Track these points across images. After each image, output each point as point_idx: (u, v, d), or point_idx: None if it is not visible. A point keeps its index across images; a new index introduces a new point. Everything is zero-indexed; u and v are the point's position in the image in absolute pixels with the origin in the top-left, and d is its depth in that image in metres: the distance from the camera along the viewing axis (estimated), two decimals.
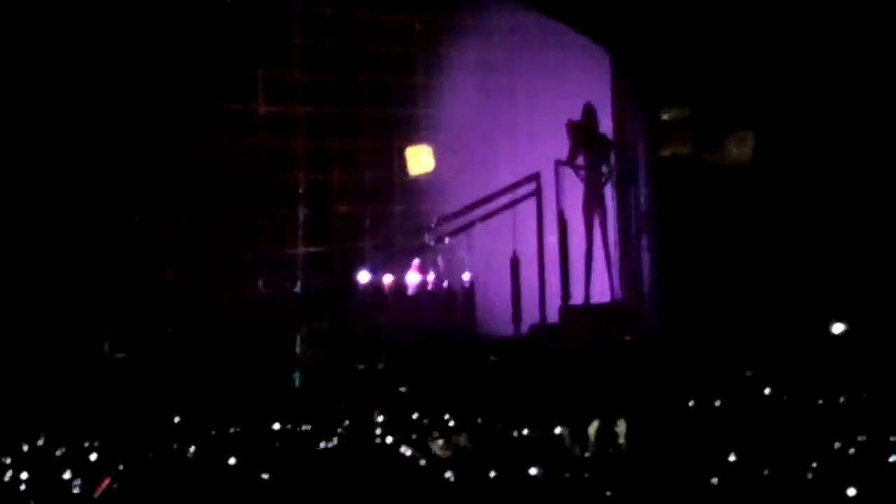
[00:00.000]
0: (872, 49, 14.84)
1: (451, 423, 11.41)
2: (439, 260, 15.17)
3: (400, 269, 15.07)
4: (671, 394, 13.21)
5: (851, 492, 8.87)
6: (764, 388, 13.16)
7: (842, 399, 12.65)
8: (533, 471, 9.16)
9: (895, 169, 14.81)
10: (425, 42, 16.04)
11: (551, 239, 15.19)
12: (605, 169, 15.21)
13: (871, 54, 14.86)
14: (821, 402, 12.72)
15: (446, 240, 15.23)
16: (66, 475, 9.48)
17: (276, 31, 15.05)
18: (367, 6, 15.72)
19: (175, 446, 10.54)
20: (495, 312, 15.08)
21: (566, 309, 14.93)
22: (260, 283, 14.51)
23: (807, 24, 14.91)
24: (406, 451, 10.06)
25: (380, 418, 11.72)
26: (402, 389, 13.06)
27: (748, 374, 13.58)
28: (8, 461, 10.22)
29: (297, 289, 14.57)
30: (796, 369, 13.78)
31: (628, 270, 14.98)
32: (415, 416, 11.87)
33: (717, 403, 12.75)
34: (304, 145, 15.18)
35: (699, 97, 15.17)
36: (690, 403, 12.62)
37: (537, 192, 15.23)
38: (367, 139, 15.56)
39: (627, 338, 14.55)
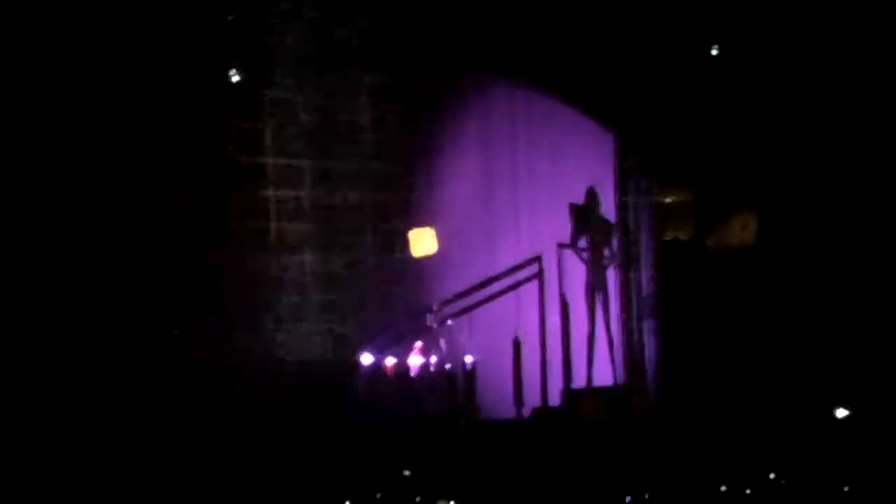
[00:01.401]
0: (868, 133, 14.96)
1: None
2: (441, 342, 15.13)
3: (402, 352, 15.02)
4: (677, 477, 13.18)
5: None
6: (768, 472, 13.13)
7: (846, 488, 12.62)
8: None
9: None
10: (426, 124, 16.07)
11: (554, 320, 15.17)
12: (607, 251, 15.20)
13: (867, 139, 14.97)
14: (825, 488, 12.71)
15: (448, 322, 15.19)
16: None
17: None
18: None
19: None
20: (497, 395, 15.02)
21: (570, 391, 14.88)
22: None
23: (806, 108, 15.03)
24: None
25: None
26: (406, 473, 13.01)
27: (752, 458, 13.55)
28: None
29: None
30: (800, 453, 13.75)
31: (631, 353, 14.94)
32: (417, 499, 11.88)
33: (723, 489, 12.73)
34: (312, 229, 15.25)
35: (702, 180, 15.25)
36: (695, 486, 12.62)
37: (539, 274, 15.24)
38: (369, 222, 15.57)
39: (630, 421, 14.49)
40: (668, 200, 15.15)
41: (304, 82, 15.15)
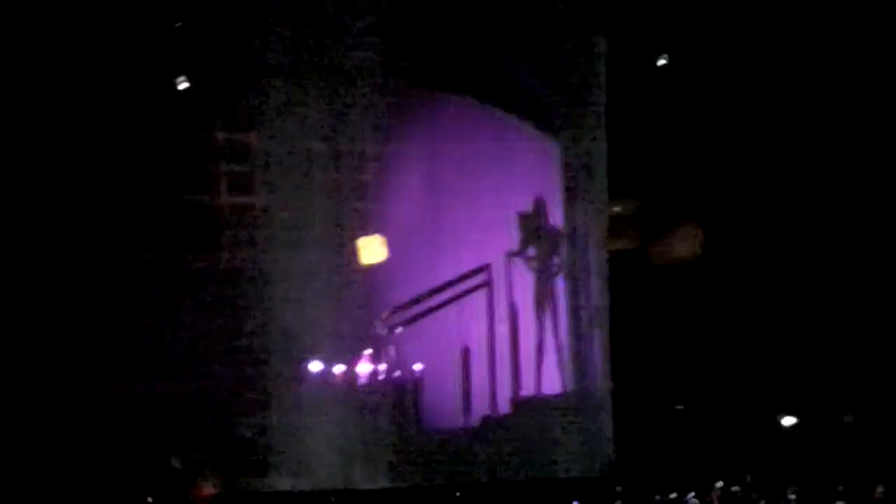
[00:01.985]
0: (811, 144, 15.17)
1: None
2: (390, 350, 15.14)
3: (351, 359, 15.00)
4: (625, 485, 13.31)
5: None
6: (716, 480, 13.29)
7: (792, 496, 12.80)
8: None
9: (840, 258, 15.09)
10: (374, 136, 16.09)
11: (502, 329, 15.24)
12: (555, 261, 15.29)
13: (811, 149, 15.18)
14: (771, 495, 12.88)
15: (398, 330, 15.21)
16: None
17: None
18: None
19: None
20: (445, 404, 15.06)
21: (518, 400, 14.96)
22: None
23: (752, 120, 15.21)
24: None
25: None
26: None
27: (701, 464, 13.71)
28: None
29: None
30: (745, 459, 13.92)
31: (579, 362, 15.01)
32: None
33: (673, 496, 12.87)
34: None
35: (648, 191, 15.39)
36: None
37: (488, 283, 15.30)
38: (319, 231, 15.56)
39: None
40: (615, 211, 15.26)
41: None
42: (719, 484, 13.03)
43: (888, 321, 14.88)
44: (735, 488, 12.92)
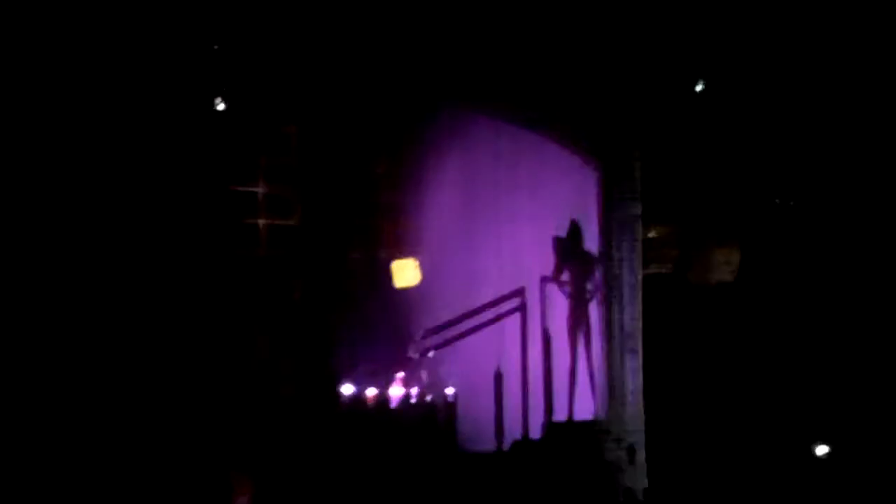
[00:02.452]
0: (846, 169, 15.04)
1: None
2: (423, 373, 15.15)
3: (383, 383, 15.02)
4: None
5: None
6: None
7: None
8: None
9: (876, 285, 14.94)
10: (410, 158, 16.14)
11: (536, 353, 15.19)
12: (589, 286, 15.20)
13: (846, 175, 15.06)
14: None
15: (430, 353, 15.20)
16: None
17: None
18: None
19: None
20: (478, 427, 15.03)
21: (551, 425, 14.90)
22: None
23: (788, 144, 15.11)
24: None
25: None
26: None
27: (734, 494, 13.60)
28: None
29: None
30: (781, 491, 13.79)
31: (612, 388, 14.93)
32: None
33: None
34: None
35: (685, 214, 15.30)
36: None
37: (522, 307, 15.26)
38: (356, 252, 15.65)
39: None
40: (650, 234, 15.18)
41: None
42: None
43: None
44: None
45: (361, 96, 15.11)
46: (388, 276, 15.64)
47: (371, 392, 14.84)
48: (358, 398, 14.78)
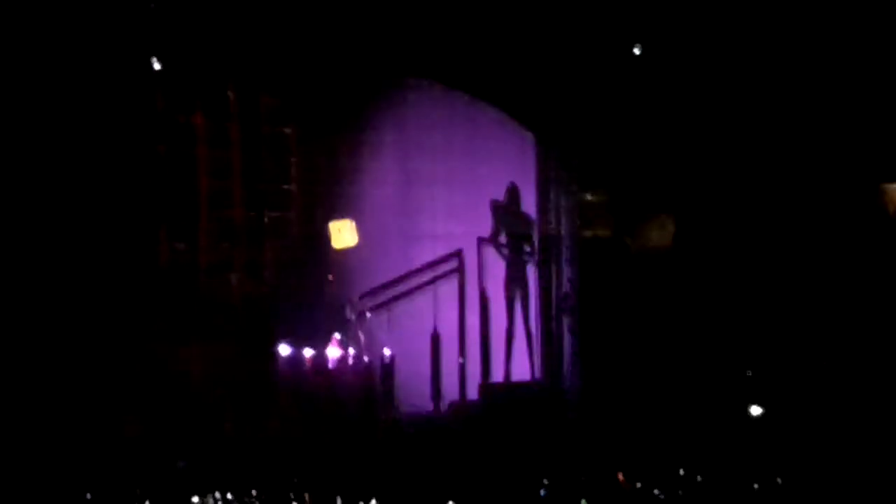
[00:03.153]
0: (782, 138, 15.15)
1: None
2: (360, 335, 15.12)
3: (320, 344, 14.98)
4: (590, 472, 13.27)
5: None
6: (679, 468, 13.24)
7: (756, 485, 12.76)
8: None
9: (807, 253, 15.07)
10: (348, 123, 16.09)
11: (473, 315, 15.24)
12: (527, 248, 15.28)
13: (782, 143, 15.17)
14: (735, 486, 12.84)
15: (367, 315, 15.19)
16: None
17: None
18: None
19: None
20: (415, 389, 15.05)
21: (487, 386, 14.96)
22: None
23: (725, 112, 15.19)
24: None
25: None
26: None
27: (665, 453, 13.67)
28: None
29: None
30: (713, 450, 13.89)
31: (549, 349, 15.01)
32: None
33: (638, 485, 12.83)
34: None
35: (622, 180, 15.35)
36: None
37: (459, 270, 15.30)
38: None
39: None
40: (588, 198, 15.24)
41: None
42: None
43: (862, 312, 14.86)
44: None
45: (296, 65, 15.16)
46: (326, 239, 15.58)
47: (308, 353, 14.80)
48: (295, 359, 14.74)
